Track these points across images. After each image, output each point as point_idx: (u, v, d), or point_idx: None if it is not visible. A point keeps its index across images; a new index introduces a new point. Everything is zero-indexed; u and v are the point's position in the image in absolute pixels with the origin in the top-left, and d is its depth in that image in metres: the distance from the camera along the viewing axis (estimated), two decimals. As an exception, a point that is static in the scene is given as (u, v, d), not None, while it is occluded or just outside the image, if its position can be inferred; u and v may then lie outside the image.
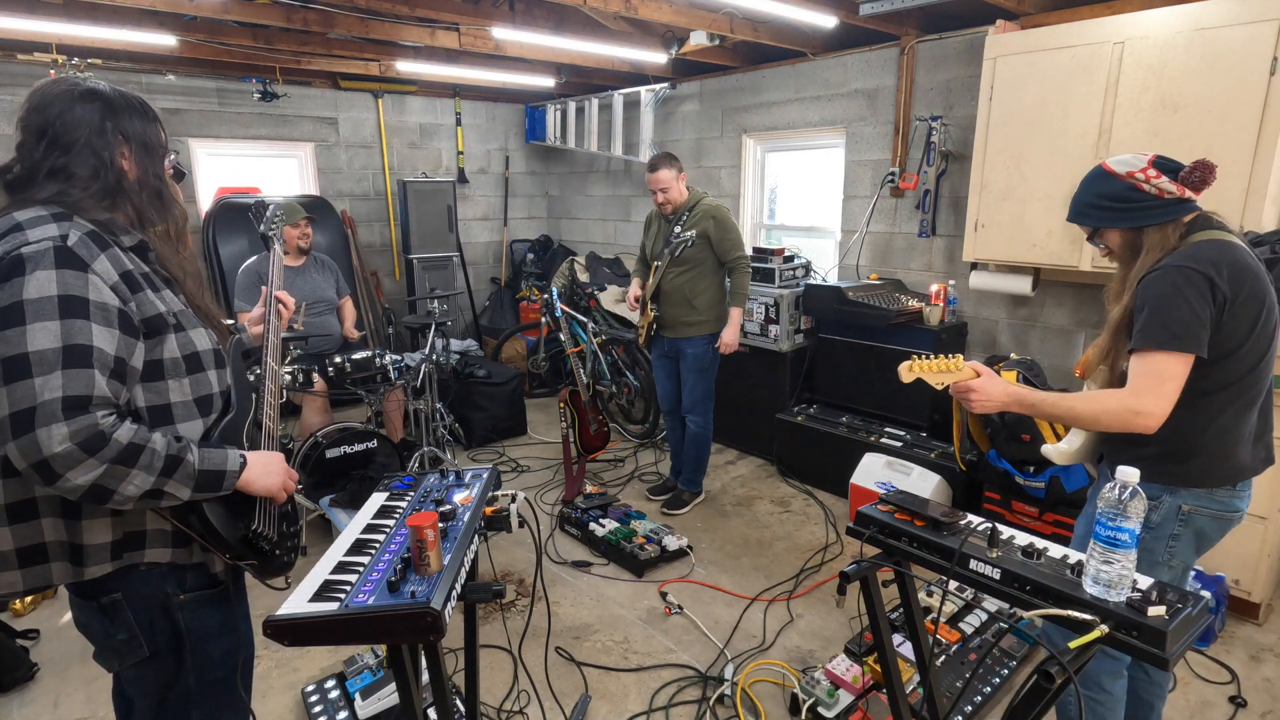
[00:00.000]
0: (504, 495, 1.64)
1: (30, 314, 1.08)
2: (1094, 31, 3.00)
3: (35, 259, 1.10)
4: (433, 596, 1.21)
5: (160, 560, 1.28)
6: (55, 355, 1.08)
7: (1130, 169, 1.60)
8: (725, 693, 2.40)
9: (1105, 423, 1.57)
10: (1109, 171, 1.64)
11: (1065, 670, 1.17)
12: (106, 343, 1.13)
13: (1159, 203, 1.58)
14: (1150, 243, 1.61)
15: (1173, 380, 1.51)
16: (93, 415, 1.09)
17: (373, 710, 2.22)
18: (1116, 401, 1.55)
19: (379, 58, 4.94)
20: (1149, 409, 1.51)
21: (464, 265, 6.29)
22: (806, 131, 4.74)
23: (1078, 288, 3.60)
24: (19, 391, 1.06)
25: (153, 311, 1.23)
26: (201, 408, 1.32)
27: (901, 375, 1.73)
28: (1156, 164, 1.59)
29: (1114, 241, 1.69)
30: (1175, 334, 1.49)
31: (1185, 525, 1.63)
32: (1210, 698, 2.41)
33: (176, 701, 1.34)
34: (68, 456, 1.06)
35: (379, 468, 3.48)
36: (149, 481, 1.14)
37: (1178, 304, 1.50)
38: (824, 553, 3.38)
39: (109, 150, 1.26)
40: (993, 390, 1.69)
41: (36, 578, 1.21)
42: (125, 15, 3.76)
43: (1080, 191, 1.73)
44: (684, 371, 3.71)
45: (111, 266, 1.18)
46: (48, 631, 2.77)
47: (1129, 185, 1.60)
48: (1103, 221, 1.68)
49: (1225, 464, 1.61)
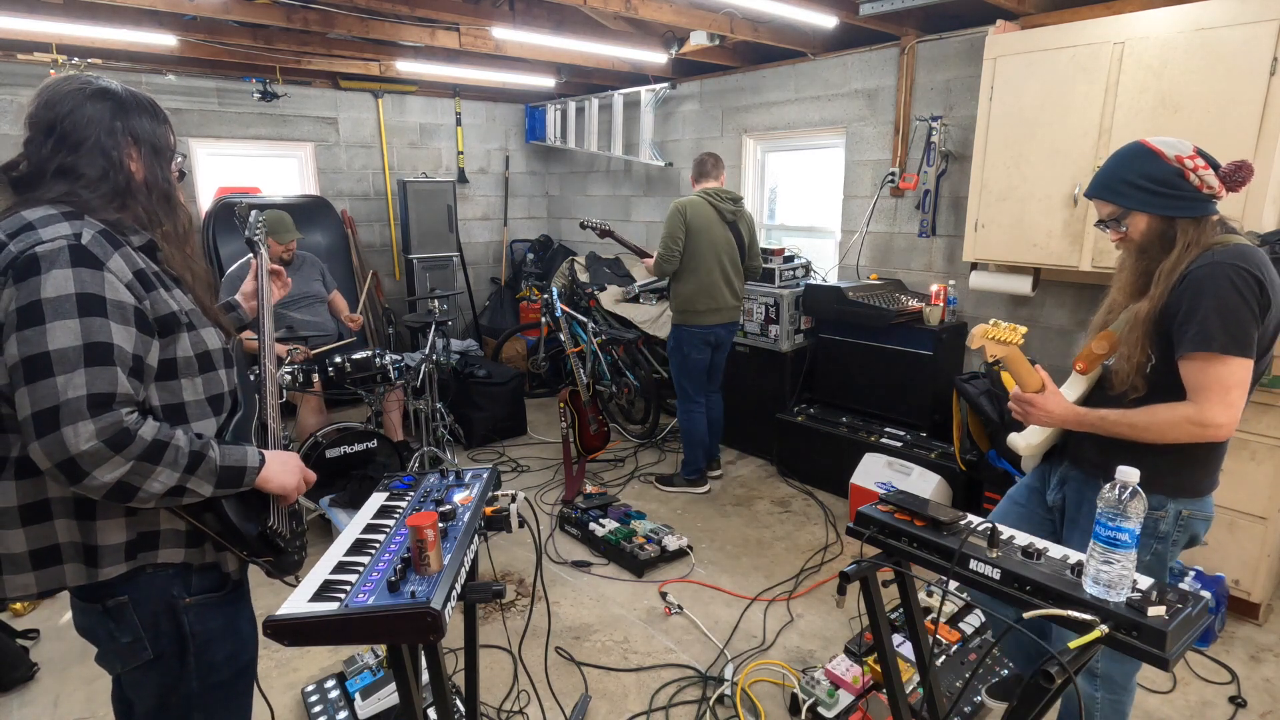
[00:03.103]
0: (504, 495, 1.64)
1: (49, 313, 1.08)
2: (1094, 31, 3.00)
3: (51, 258, 1.10)
4: (433, 596, 1.21)
5: (173, 560, 1.28)
6: (77, 353, 1.07)
7: (1179, 153, 1.50)
8: (725, 693, 2.40)
9: (1171, 437, 1.50)
10: (1155, 151, 1.52)
11: (1065, 670, 1.17)
12: (125, 341, 1.13)
13: (1200, 196, 1.50)
14: (1187, 237, 1.51)
15: (1239, 388, 1.45)
16: (117, 413, 1.09)
17: (373, 710, 2.22)
18: (1185, 414, 1.47)
19: (379, 58, 4.94)
20: (1219, 420, 1.45)
21: (464, 265, 6.29)
22: (806, 131, 4.74)
23: (1078, 288, 3.60)
24: (41, 390, 1.06)
25: (166, 310, 1.23)
26: (213, 406, 1.32)
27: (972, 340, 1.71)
28: (1200, 154, 1.50)
29: (1140, 228, 1.57)
30: (1237, 338, 1.43)
31: (1183, 530, 1.64)
32: (1210, 698, 2.41)
33: (178, 704, 1.34)
34: (95, 454, 1.06)
35: (379, 468, 3.48)
36: (173, 478, 1.14)
37: (1238, 306, 1.42)
38: (824, 553, 3.38)
39: (118, 151, 1.25)
40: (1053, 407, 1.65)
41: (50, 580, 1.21)
42: (125, 15, 3.76)
43: (1116, 167, 1.59)
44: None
45: (125, 265, 1.18)
46: (48, 631, 2.77)
47: (1177, 170, 1.50)
48: (1141, 205, 1.55)
49: (1214, 472, 1.62)
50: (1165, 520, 1.62)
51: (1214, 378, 1.45)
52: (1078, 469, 1.76)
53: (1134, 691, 1.78)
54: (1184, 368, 1.49)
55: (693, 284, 3.72)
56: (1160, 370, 1.55)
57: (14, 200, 1.21)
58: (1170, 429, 1.50)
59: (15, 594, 1.20)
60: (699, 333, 3.81)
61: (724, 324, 3.86)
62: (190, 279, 1.34)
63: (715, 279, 3.74)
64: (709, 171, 3.83)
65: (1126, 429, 1.56)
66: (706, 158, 3.85)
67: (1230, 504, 2.74)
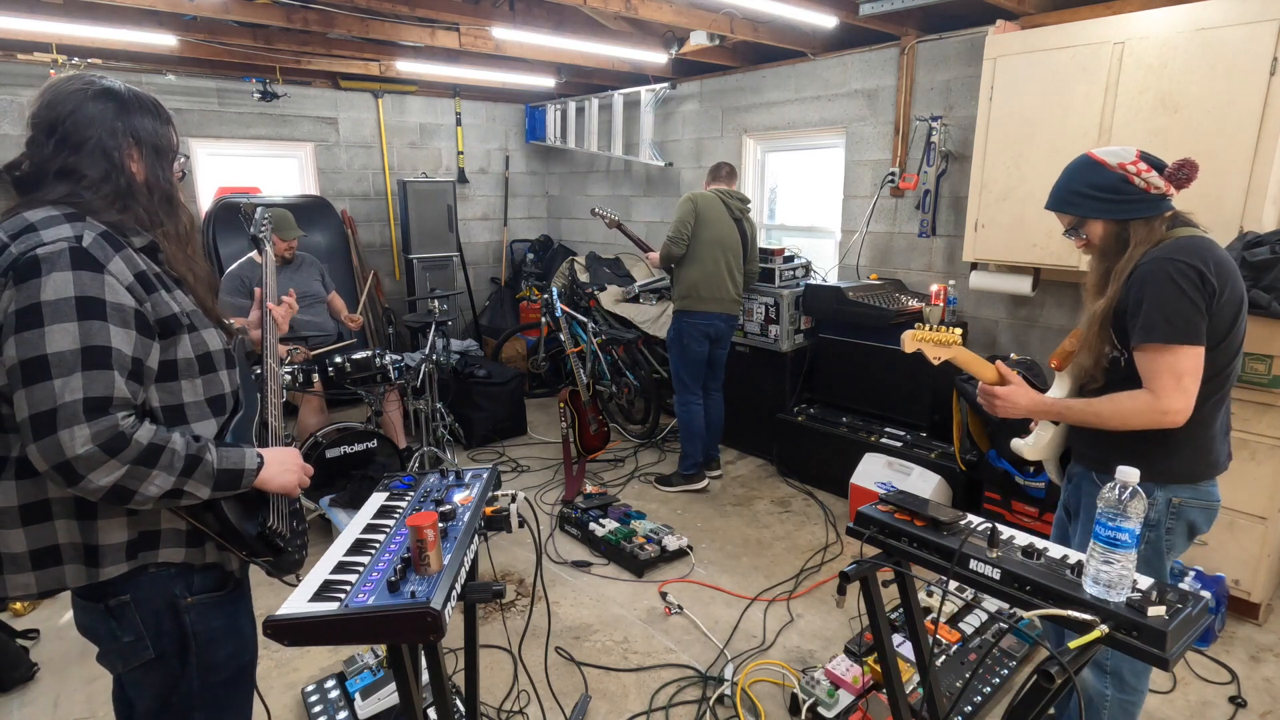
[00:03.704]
0: (504, 495, 1.64)
1: (48, 315, 1.08)
2: (1094, 31, 3.00)
3: (51, 260, 1.10)
4: (433, 596, 1.21)
5: (174, 560, 1.28)
6: (74, 357, 1.08)
7: (1121, 160, 1.60)
8: (725, 693, 2.40)
9: (1133, 423, 1.58)
10: (1099, 162, 1.63)
11: (1065, 670, 1.17)
12: (124, 344, 1.13)
13: (1146, 197, 1.60)
14: (1137, 236, 1.61)
15: (1189, 374, 1.53)
16: (113, 417, 1.09)
17: (373, 710, 2.22)
18: (1143, 403, 1.56)
19: (379, 58, 4.94)
20: (1175, 406, 1.53)
21: (464, 265, 6.29)
22: (806, 131, 4.74)
23: (1077, 287, 3.60)
24: (39, 393, 1.06)
25: (167, 312, 1.23)
26: (214, 407, 1.32)
27: (904, 344, 1.74)
28: (1144, 158, 1.60)
29: (1097, 233, 1.68)
30: (1179, 328, 1.51)
31: (1177, 518, 1.66)
32: (1210, 698, 2.41)
33: (179, 704, 1.34)
34: (90, 458, 1.06)
35: (379, 468, 3.48)
36: (169, 481, 1.14)
37: (1176, 297, 1.51)
38: (824, 553, 3.38)
39: (119, 152, 1.24)
40: (1018, 399, 1.72)
41: (50, 580, 1.21)
42: (125, 15, 3.76)
43: (1066, 180, 1.70)
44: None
45: (126, 267, 1.18)
46: (48, 631, 2.77)
47: (1120, 177, 1.60)
48: (1091, 212, 1.66)
49: (1206, 457, 1.65)
50: (1155, 508, 1.65)
51: (1164, 366, 1.53)
52: (1079, 464, 1.81)
53: (1144, 694, 1.78)
54: (1137, 359, 1.59)
55: (697, 271, 3.79)
56: (1129, 362, 1.62)
57: (17, 201, 1.21)
58: (1132, 415, 1.58)
59: (16, 594, 1.20)
60: (699, 323, 3.85)
61: (724, 316, 3.89)
62: (192, 280, 1.34)
63: (719, 269, 3.81)
64: (723, 177, 3.98)
65: (1092, 417, 1.64)
66: (723, 165, 4.02)
67: (1230, 504, 2.73)
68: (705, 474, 4.11)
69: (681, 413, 4.02)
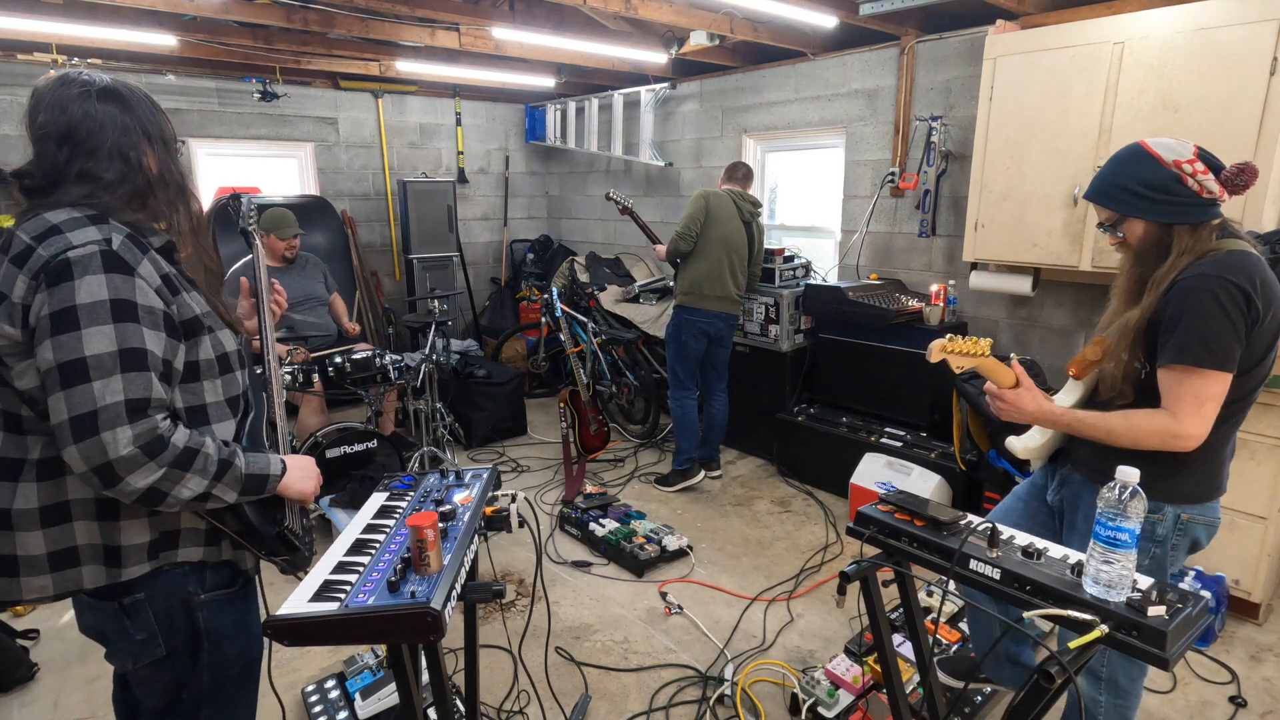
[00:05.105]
0: (504, 495, 1.64)
1: (84, 318, 1.08)
2: (1094, 31, 3.00)
3: (83, 263, 1.10)
4: (433, 596, 1.21)
5: (191, 559, 1.29)
6: (113, 359, 1.09)
7: (1177, 157, 1.46)
8: (725, 693, 2.40)
9: (1145, 444, 1.50)
10: (1153, 155, 1.48)
11: (1065, 670, 1.17)
12: (156, 346, 1.15)
13: (1198, 201, 1.46)
14: (1181, 244, 1.48)
15: (1213, 400, 1.45)
16: (153, 419, 1.10)
17: (373, 710, 2.22)
18: (1160, 424, 1.47)
19: (379, 58, 4.94)
20: (1191, 432, 1.45)
21: (464, 265, 6.29)
22: (806, 131, 4.74)
23: (1078, 288, 3.60)
24: (78, 396, 1.06)
25: (190, 314, 1.24)
26: (232, 408, 1.34)
27: (931, 354, 1.63)
28: (1201, 157, 1.46)
29: (1136, 233, 1.54)
30: (1216, 353, 1.41)
31: (1183, 535, 1.63)
32: (1210, 698, 2.41)
33: (188, 700, 1.35)
34: (131, 460, 1.07)
35: (379, 468, 3.48)
36: (202, 485, 1.15)
37: (1220, 320, 1.40)
38: (824, 553, 3.38)
39: (135, 151, 1.24)
40: (1024, 404, 1.63)
41: (67, 581, 1.21)
42: (125, 15, 3.76)
43: (1113, 172, 1.55)
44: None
45: (154, 270, 1.18)
46: (48, 631, 2.76)
47: (1174, 176, 1.46)
48: (1136, 211, 1.52)
49: (1214, 479, 1.61)
50: (1163, 524, 1.61)
51: (1190, 389, 1.45)
52: (1076, 472, 1.76)
53: (1139, 697, 1.77)
54: (1161, 377, 1.49)
55: (702, 267, 3.80)
56: (1149, 375, 1.54)
57: (28, 205, 1.20)
58: (1145, 436, 1.50)
59: (32, 596, 1.20)
60: (699, 320, 3.85)
61: (724, 314, 3.89)
62: (204, 277, 1.35)
63: (723, 267, 3.82)
64: (739, 178, 3.98)
65: (1102, 433, 1.55)
66: (739, 165, 4.02)
67: (1230, 504, 2.73)
68: (700, 469, 4.12)
69: (675, 408, 4.03)
